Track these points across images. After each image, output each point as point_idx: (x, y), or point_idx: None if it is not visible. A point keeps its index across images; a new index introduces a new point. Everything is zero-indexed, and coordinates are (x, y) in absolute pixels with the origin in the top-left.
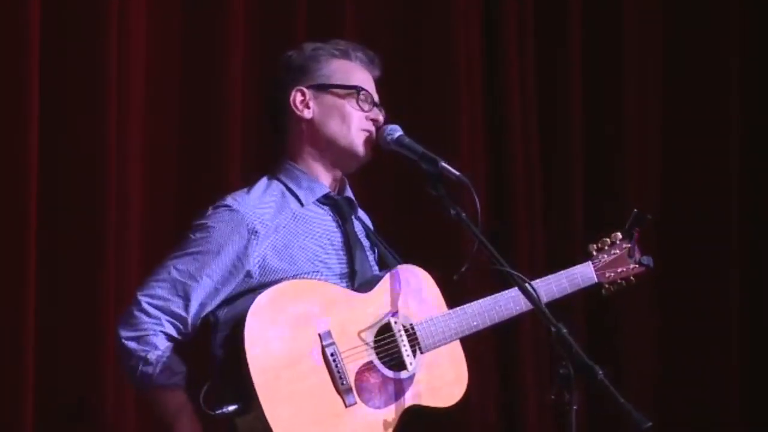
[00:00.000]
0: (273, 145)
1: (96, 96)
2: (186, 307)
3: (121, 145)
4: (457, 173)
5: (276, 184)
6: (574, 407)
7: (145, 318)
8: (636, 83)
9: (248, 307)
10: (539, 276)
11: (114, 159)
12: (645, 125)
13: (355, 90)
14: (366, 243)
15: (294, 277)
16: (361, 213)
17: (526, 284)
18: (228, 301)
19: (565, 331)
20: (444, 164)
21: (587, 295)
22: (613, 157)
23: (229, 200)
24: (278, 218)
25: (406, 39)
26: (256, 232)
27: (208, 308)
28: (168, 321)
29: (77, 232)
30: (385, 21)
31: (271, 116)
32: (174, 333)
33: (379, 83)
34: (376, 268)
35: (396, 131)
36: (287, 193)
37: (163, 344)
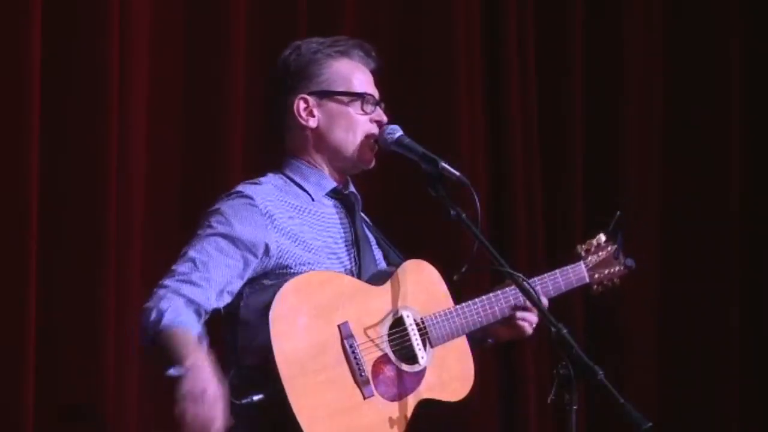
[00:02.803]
0: (275, 145)
1: (97, 96)
2: (207, 280)
3: (123, 146)
4: (458, 173)
5: (283, 179)
6: (574, 407)
7: (163, 290)
8: (636, 83)
9: (271, 298)
10: (538, 275)
11: (115, 159)
12: (645, 125)
13: (359, 96)
14: (372, 239)
15: (308, 263)
16: None
17: (527, 285)
18: (247, 291)
19: (565, 331)
20: (444, 164)
21: (587, 295)
22: (613, 156)
23: (240, 188)
24: (290, 209)
25: (406, 39)
26: (272, 216)
27: (230, 288)
28: (189, 287)
29: (78, 232)
30: (385, 21)
31: (272, 118)
32: (195, 298)
33: (378, 77)
34: (383, 263)
35: (396, 131)
36: (296, 188)
37: (180, 304)
